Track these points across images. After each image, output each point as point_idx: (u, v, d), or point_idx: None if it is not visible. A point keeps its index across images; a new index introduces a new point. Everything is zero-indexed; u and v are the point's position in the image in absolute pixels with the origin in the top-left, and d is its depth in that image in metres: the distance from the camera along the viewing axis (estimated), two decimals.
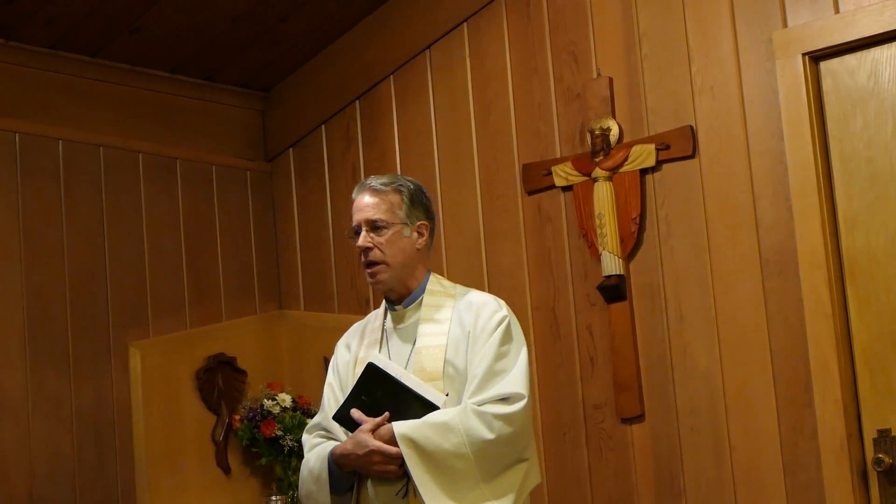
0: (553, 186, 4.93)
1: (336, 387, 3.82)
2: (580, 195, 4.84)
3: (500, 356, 3.59)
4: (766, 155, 4.46)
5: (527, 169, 5.03)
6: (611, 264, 4.72)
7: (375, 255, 3.69)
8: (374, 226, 3.69)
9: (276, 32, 5.46)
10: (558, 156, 4.96)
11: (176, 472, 5.22)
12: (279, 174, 5.89)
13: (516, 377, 3.57)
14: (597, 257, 4.77)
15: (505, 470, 3.53)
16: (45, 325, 4.99)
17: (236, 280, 5.69)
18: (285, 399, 5.35)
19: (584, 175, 4.83)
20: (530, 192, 5.02)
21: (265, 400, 5.34)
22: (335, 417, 3.66)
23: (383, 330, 3.79)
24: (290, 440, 5.25)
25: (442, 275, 5.01)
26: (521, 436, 3.54)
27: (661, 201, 4.69)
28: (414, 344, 3.70)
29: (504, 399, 3.53)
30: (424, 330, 3.69)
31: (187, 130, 5.63)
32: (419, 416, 3.53)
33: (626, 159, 4.73)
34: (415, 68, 5.42)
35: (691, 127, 4.63)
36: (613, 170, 4.76)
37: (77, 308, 5.10)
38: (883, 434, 4.18)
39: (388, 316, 3.80)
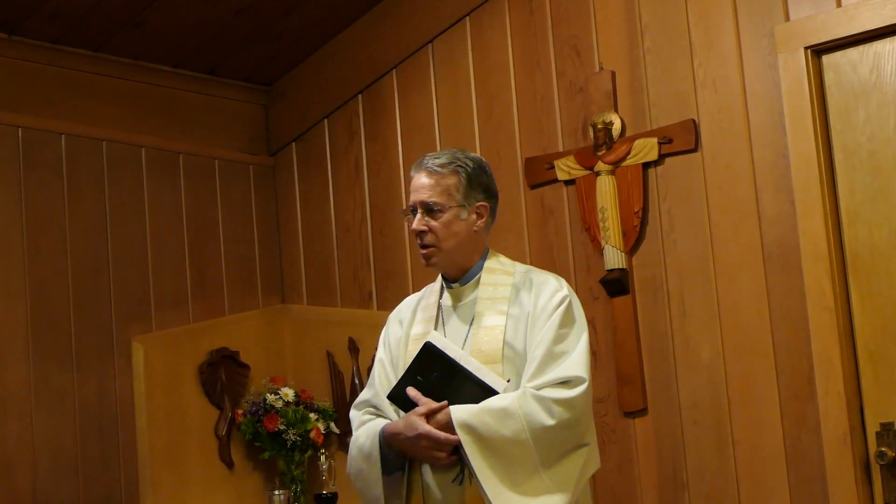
0: (555, 180, 4.93)
1: (387, 362, 3.71)
2: (583, 189, 4.84)
3: (559, 338, 3.49)
4: (768, 148, 4.46)
5: (529, 163, 5.03)
6: (613, 258, 4.72)
7: (429, 238, 3.58)
8: (429, 209, 3.58)
9: (279, 26, 5.46)
10: (561, 150, 4.96)
11: (179, 466, 5.23)
12: (282, 168, 5.90)
13: (577, 360, 3.47)
14: (599, 251, 4.77)
15: (565, 456, 3.43)
16: (48, 320, 5.00)
17: (239, 274, 5.69)
18: (288, 393, 5.35)
19: (586, 169, 4.83)
20: (533, 186, 5.02)
21: (268, 394, 5.35)
22: (389, 396, 3.55)
23: (439, 307, 3.68)
24: (293, 434, 5.26)
25: None
26: (581, 421, 3.45)
27: (663, 195, 4.69)
28: (471, 324, 3.58)
29: (564, 382, 3.43)
30: (482, 310, 3.58)
31: (190, 125, 5.63)
32: (476, 401, 3.42)
33: (628, 153, 4.73)
34: (418, 62, 5.42)
35: (694, 121, 4.62)
36: (616, 164, 4.76)
37: (80, 302, 5.10)
38: (886, 427, 4.18)
39: (445, 293, 3.69)
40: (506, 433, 3.37)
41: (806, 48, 4.37)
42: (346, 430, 5.36)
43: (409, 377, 3.50)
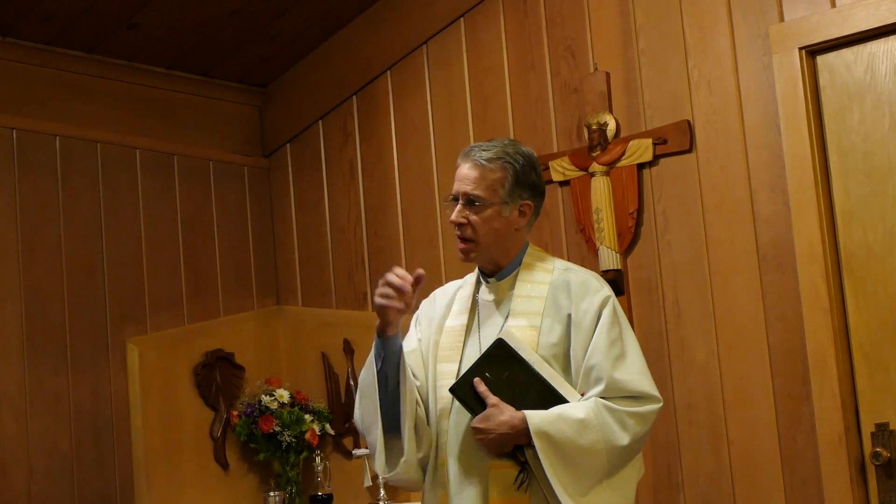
0: (550, 181, 4.92)
1: (414, 335, 3.61)
2: (577, 190, 4.84)
3: (613, 341, 3.39)
4: (763, 149, 4.46)
5: None
6: (608, 259, 4.72)
7: (467, 232, 3.46)
8: (470, 201, 3.44)
9: (273, 28, 5.46)
10: (555, 151, 4.96)
11: (174, 467, 5.21)
12: (276, 170, 5.89)
13: (641, 373, 3.40)
14: (594, 252, 4.77)
15: (626, 465, 3.38)
16: (42, 322, 4.99)
17: (234, 276, 5.69)
18: (283, 395, 5.34)
19: (581, 170, 4.83)
20: None
21: (263, 395, 5.34)
22: (451, 389, 3.41)
23: (475, 301, 3.57)
24: (288, 436, 5.24)
25: (439, 271, 5.03)
26: (648, 434, 3.41)
27: (658, 196, 4.69)
28: (506, 320, 3.48)
29: (635, 398, 3.36)
30: (517, 308, 3.47)
31: (184, 126, 5.63)
32: (541, 406, 3.34)
33: (623, 154, 4.73)
34: (412, 63, 5.42)
35: (688, 121, 4.63)
36: (611, 164, 4.76)
37: (75, 304, 5.10)
38: (881, 428, 4.19)
39: (482, 287, 3.58)
40: (582, 443, 3.31)
41: (800, 49, 4.37)
42: (341, 432, 5.37)
43: (476, 373, 3.38)
